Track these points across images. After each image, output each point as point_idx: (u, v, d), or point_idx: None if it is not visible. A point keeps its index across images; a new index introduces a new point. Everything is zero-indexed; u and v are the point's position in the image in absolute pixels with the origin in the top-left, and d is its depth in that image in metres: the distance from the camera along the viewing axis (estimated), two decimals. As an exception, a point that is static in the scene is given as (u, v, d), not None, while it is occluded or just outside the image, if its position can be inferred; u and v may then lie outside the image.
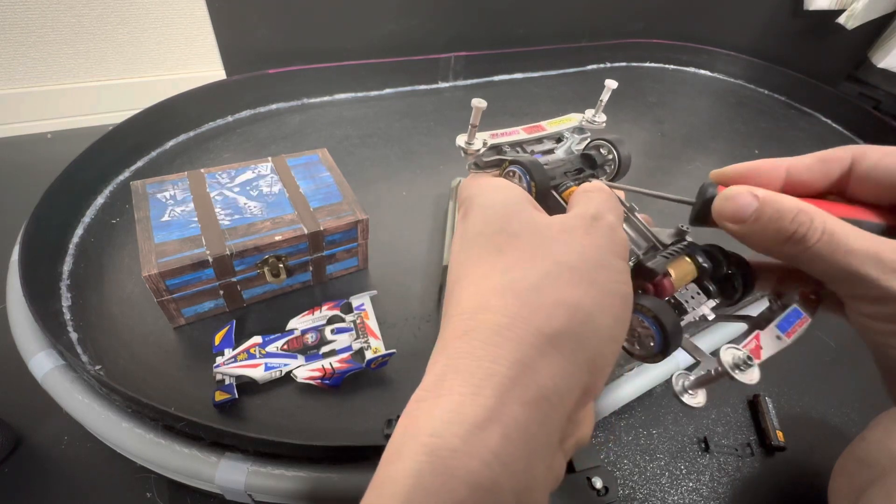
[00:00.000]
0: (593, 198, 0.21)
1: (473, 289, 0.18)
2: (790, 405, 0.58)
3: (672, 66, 1.47)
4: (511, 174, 0.24)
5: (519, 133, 0.26)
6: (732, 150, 1.07)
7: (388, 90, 1.11)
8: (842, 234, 0.16)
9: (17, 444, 0.45)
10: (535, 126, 0.27)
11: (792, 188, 0.19)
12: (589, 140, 0.28)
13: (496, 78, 1.24)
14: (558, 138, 0.27)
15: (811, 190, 0.19)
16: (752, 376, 0.17)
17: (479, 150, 0.24)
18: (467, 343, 0.16)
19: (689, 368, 0.20)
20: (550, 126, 0.27)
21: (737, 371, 0.17)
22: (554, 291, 0.17)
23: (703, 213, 0.20)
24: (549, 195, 0.23)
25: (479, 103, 0.22)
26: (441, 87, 1.16)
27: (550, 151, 0.27)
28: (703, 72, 1.46)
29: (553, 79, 1.30)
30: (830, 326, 0.68)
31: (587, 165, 0.26)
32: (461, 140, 0.24)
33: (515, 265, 0.18)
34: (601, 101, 0.27)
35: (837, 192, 0.19)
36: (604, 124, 0.28)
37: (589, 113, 0.28)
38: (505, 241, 0.19)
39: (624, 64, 1.44)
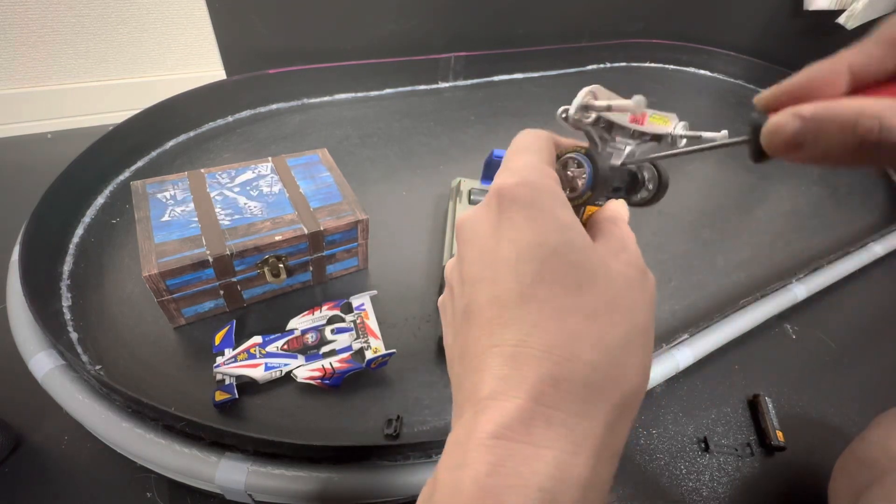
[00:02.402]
0: (628, 235, 0.20)
1: (557, 324, 0.17)
2: (790, 405, 0.58)
3: (672, 66, 1.47)
4: (573, 161, 0.21)
5: (626, 114, 0.22)
6: (733, 150, 1.07)
7: (388, 90, 1.11)
8: None
9: (17, 444, 0.45)
10: (639, 114, 0.22)
11: (862, 85, 0.16)
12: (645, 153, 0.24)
13: (496, 78, 1.24)
14: (637, 133, 0.23)
15: (885, 75, 0.16)
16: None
17: (589, 119, 0.21)
18: (561, 395, 0.16)
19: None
20: (650, 122, 0.23)
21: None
22: (634, 354, 0.17)
23: (756, 147, 0.18)
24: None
25: (636, 107, 0.19)
26: (441, 87, 1.16)
27: (618, 149, 0.23)
28: (703, 72, 1.46)
29: (553, 79, 1.30)
30: (830, 327, 0.68)
31: (630, 185, 0.24)
32: (588, 98, 0.21)
33: (598, 314, 0.17)
34: (699, 135, 0.22)
35: None
36: (675, 148, 0.23)
37: (681, 127, 0.23)
38: (584, 278, 0.17)
39: (624, 64, 1.44)
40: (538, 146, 0.21)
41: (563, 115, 0.22)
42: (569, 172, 0.21)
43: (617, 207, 0.21)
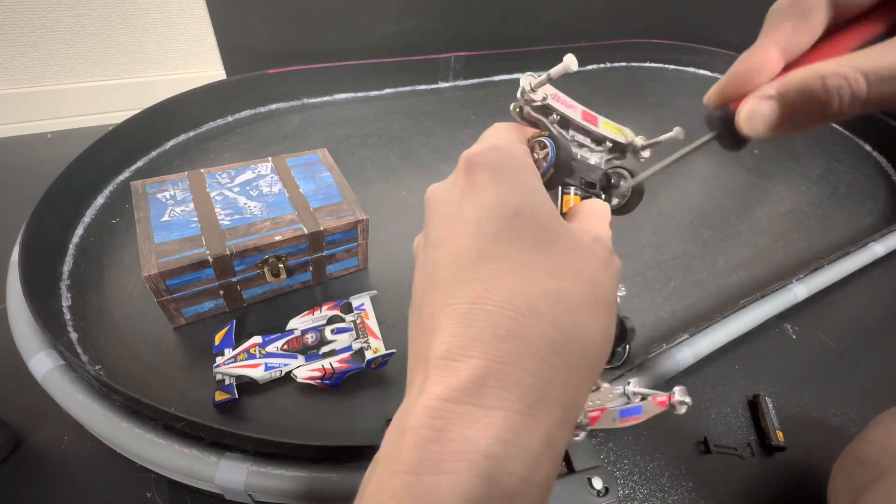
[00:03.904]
0: (605, 229, 0.20)
1: (515, 279, 0.16)
2: (790, 405, 0.58)
3: (672, 66, 1.47)
4: (540, 145, 0.22)
5: (576, 110, 0.24)
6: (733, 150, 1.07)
7: (388, 90, 1.11)
8: (882, 62, 0.14)
9: (17, 444, 0.45)
10: (592, 116, 0.24)
11: (792, 59, 0.17)
12: (614, 162, 0.26)
13: (496, 78, 1.24)
14: (599, 140, 0.25)
15: (807, 46, 0.17)
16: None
17: (538, 101, 0.22)
18: (516, 350, 0.15)
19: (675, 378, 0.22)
20: (603, 127, 0.25)
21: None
22: (598, 318, 0.16)
23: (732, 138, 0.19)
24: (554, 190, 0.22)
25: (571, 64, 0.20)
26: (441, 87, 1.16)
27: (583, 147, 0.25)
28: (703, 72, 1.46)
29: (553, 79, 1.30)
30: (830, 327, 0.68)
31: (602, 185, 0.25)
32: (528, 81, 0.22)
33: (558, 272, 0.16)
34: (659, 140, 0.25)
35: (839, 22, 0.17)
36: (643, 160, 0.25)
37: (639, 140, 0.25)
38: (547, 238, 0.17)
39: (624, 64, 1.44)
40: (509, 128, 0.22)
41: (517, 110, 0.24)
42: (535, 155, 0.22)
43: (600, 205, 0.22)
